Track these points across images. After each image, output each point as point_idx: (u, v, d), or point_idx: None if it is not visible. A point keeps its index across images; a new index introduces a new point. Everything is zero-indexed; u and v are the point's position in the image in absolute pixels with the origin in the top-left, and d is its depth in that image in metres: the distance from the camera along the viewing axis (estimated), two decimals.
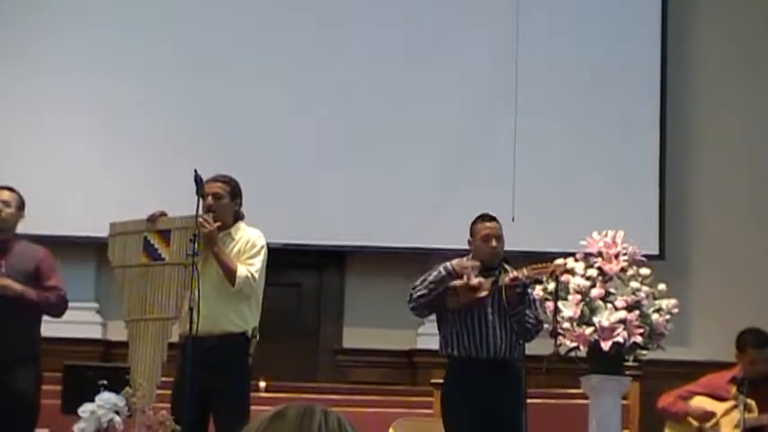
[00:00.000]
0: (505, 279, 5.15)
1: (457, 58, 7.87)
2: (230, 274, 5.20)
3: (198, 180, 5.19)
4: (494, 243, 5.26)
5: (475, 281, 5.20)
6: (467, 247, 5.39)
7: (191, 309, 5.00)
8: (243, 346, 5.26)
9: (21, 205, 5.65)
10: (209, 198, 5.28)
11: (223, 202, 5.34)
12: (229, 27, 7.89)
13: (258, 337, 5.31)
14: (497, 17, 7.87)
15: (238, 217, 5.43)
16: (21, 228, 5.71)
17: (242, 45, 7.88)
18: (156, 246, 5.38)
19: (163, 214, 5.43)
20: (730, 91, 8.16)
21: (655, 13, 8.05)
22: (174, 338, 5.45)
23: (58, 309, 5.61)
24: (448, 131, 7.85)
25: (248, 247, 5.32)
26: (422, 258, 7.33)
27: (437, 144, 7.83)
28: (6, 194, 5.64)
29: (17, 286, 5.43)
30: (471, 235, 5.34)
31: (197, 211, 5.20)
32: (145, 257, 5.39)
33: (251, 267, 5.25)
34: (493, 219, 5.33)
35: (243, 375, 5.31)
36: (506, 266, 5.29)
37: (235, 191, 5.40)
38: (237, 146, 7.64)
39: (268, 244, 5.49)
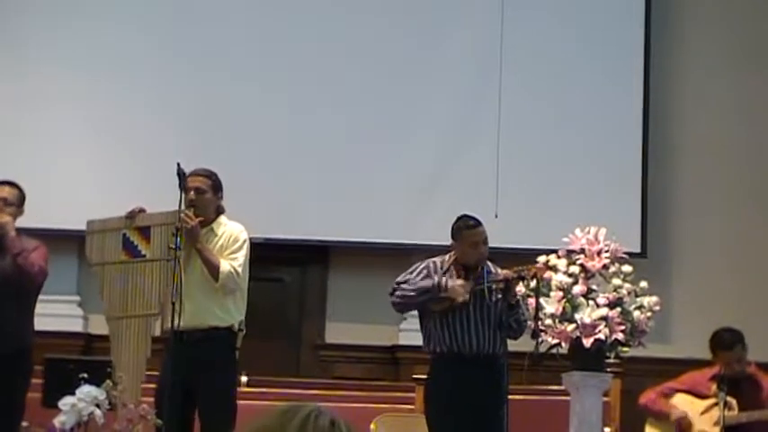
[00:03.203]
0: (490, 278, 5.20)
1: (440, 57, 7.88)
2: (213, 269, 5.19)
3: (181, 174, 5.17)
4: (482, 249, 5.29)
5: (459, 283, 5.23)
6: (448, 244, 5.40)
7: (173, 303, 4.99)
8: (228, 340, 5.25)
9: (21, 201, 5.61)
10: (192, 192, 5.26)
11: (206, 196, 5.32)
12: (221, 24, 7.87)
13: (245, 331, 5.30)
14: (481, 16, 7.87)
15: (220, 211, 5.41)
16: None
17: (230, 41, 7.86)
18: (136, 243, 5.35)
19: (142, 210, 5.39)
20: (713, 90, 8.19)
21: (639, 11, 8.06)
22: (158, 333, 5.44)
23: (33, 267, 5.48)
24: (431, 128, 7.85)
25: (231, 241, 5.30)
26: (405, 254, 7.33)
27: (421, 141, 7.83)
28: (6, 191, 5.59)
29: (12, 230, 5.41)
30: (455, 239, 5.34)
31: (180, 205, 5.18)
32: (124, 255, 5.36)
33: (234, 262, 5.24)
34: (478, 223, 5.34)
35: (229, 370, 5.30)
36: (489, 264, 5.31)
37: (216, 185, 5.38)
38: (221, 141, 7.63)
39: (251, 239, 5.48)
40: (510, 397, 5.17)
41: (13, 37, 7.76)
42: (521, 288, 5.33)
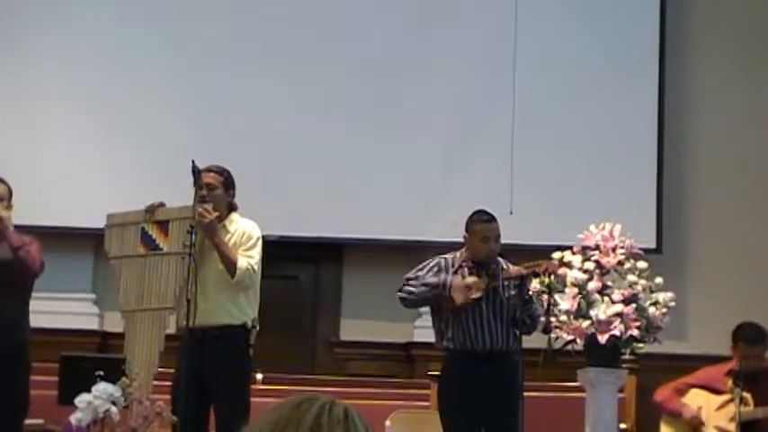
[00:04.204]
0: (511, 272, 5.20)
1: (453, 53, 7.87)
2: (231, 265, 5.20)
3: (195, 171, 5.19)
4: (492, 245, 5.29)
5: (469, 280, 5.23)
6: (462, 240, 5.41)
7: (188, 300, 5.01)
8: (242, 337, 5.27)
9: (10, 196, 5.64)
10: (203, 188, 5.27)
11: (216, 192, 5.33)
12: (227, 20, 7.88)
13: (258, 328, 5.31)
14: (495, 11, 7.86)
15: (232, 208, 5.42)
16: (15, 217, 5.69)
17: (238, 37, 7.87)
18: (154, 236, 5.38)
19: (161, 205, 5.43)
20: (729, 84, 8.16)
21: (654, 6, 8.04)
22: (172, 329, 5.46)
23: (35, 262, 5.46)
24: (446, 124, 7.85)
25: (244, 239, 5.31)
26: (419, 251, 7.32)
27: (435, 137, 7.83)
28: (0, 188, 5.62)
29: (11, 225, 5.42)
30: (468, 232, 5.36)
31: (194, 203, 5.19)
32: (142, 248, 5.39)
33: (250, 259, 5.25)
34: (492, 219, 5.35)
35: (243, 367, 5.32)
36: (501, 261, 5.32)
37: (228, 182, 5.39)
38: (235, 138, 7.63)
39: (266, 237, 5.50)
40: (525, 393, 5.16)
41: (16, 34, 7.77)
42: (535, 285, 5.32)
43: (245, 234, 5.32)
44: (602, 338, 5.36)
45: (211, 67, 7.81)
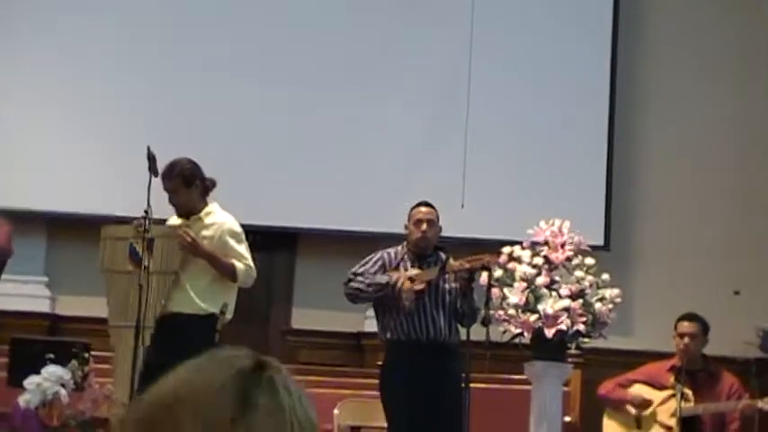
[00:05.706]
0: (454, 266, 5.26)
1: (411, 52, 7.92)
2: (230, 273, 5.25)
3: (150, 157, 5.19)
4: (424, 227, 5.37)
5: (412, 272, 5.29)
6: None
7: (140, 285, 5.02)
8: (210, 323, 5.28)
9: None
10: (168, 197, 5.31)
11: (179, 195, 5.33)
12: (191, 14, 7.87)
13: (227, 314, 5.33)
14: (452, 10, 7.93)
15: (207, 190, 5.43)
16: None
17: (203, 32, 7.86)
18: (141, 253, 5.36)
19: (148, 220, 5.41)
20: (678, 86, 8.28)
21: (606, 12, 8.15)
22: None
23: None
24: (401, 120, 7.90)
25: (228, 235, 5.34)
26: (372, 242, 7.37)
27: (390, 131, 7.88)
28: None
29: None
30: (408, 219, 5.46)
31: (149, 187, 5.20)
32: (130, 264, 5.38)
33: (245, 260, 5.30)
34: (428, 205, 5.45)
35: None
36: (442, 255, 5.38)
37: (188, 178, 5.37)
38: (190, 125, 7.62)
39: None
40: (471, 385, 5.23)
41: None
42: (484, 278, 5.39)
43: (226, 231, 5.34)
44: (549, 332, 5.45)
45: (171, 56, 7.80)
